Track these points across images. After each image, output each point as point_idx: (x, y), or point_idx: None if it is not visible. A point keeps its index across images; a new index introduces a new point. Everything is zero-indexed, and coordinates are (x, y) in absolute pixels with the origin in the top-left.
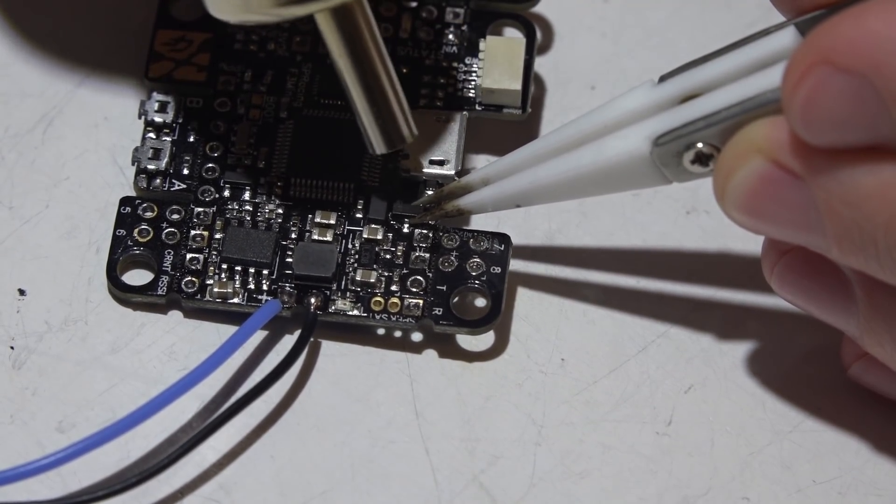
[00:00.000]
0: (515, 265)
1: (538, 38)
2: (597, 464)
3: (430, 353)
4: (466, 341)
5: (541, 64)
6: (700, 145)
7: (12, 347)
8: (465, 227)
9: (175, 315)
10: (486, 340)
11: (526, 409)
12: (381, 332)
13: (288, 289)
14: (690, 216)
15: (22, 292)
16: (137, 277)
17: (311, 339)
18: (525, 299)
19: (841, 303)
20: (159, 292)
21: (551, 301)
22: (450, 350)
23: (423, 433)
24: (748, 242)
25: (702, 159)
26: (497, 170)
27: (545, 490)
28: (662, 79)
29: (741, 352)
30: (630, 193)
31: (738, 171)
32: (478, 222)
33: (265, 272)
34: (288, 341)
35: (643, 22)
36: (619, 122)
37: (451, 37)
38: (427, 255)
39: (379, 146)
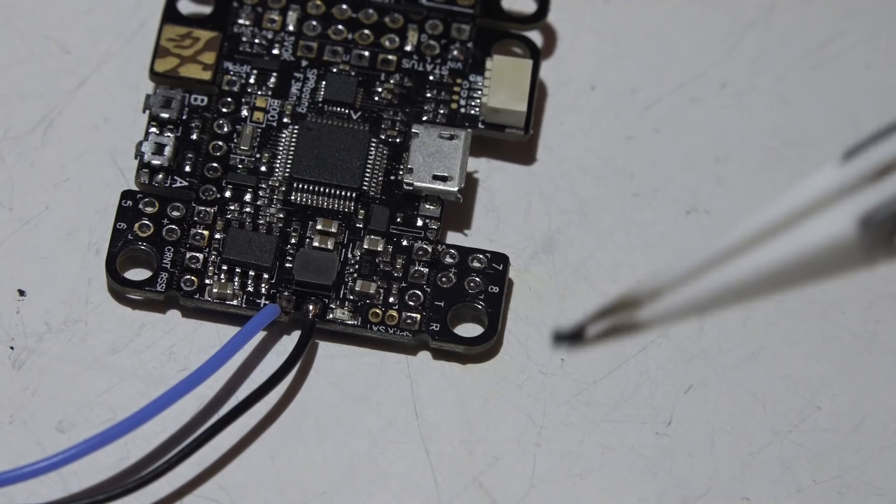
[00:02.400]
0: (515, 264)
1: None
2: (597, 464)
3: (430, 354)
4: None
5: (541, 64)
6: None
7: (12, 347)
8: (464, 245)
9: (175, 316)
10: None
11: (526, 409)
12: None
13: (286, 294)
14: (690, 216)
15: (22, 293)
16: (137, 276)
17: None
18: (525, 299)
19: None
20: (158, 289)
21: (551, 301)
22: (449, 351)
23: (423, 434)
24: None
25: None
26: (671, 278)
27: (545, 491)
28: (847, 157)
29: (741, 352)
30: (630, 193)
31: None
32: (477, 239)
33: (265, 276)
34: (287, 342)
35: (643, 22)
36: (812, 207)
37: (455, 52)
38: (426, 270)
39: None
